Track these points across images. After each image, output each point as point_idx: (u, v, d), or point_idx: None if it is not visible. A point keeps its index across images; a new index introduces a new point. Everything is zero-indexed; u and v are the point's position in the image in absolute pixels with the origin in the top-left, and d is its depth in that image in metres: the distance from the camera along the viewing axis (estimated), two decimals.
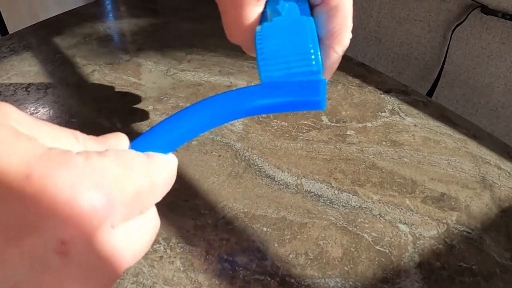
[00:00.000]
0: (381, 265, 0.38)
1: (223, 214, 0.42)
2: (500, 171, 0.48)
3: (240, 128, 0.52)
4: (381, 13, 0.79)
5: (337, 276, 0.37)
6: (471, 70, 0.72)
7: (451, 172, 0.48)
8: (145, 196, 0.18)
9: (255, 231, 0.41)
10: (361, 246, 0.40)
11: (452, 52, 0.73)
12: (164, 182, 0.19)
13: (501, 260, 0.39)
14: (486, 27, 0.67)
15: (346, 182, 0.46)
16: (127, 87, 0.58)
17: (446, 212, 0.43)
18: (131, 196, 0.17)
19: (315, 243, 0.40)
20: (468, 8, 0.67)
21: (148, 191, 0.18)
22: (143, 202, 0.18)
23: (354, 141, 0.51)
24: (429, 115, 0.56)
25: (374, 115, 0.55)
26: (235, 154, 0.49)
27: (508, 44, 0.66)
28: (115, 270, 0.17)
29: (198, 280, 0.37)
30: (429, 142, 0.52)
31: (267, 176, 0.46)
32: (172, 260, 0.38)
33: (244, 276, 0.37)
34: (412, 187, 0.46)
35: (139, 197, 0.17)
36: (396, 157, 0.49)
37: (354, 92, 0.59)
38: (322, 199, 0.44)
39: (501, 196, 0.45)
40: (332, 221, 0.42)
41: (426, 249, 0.40)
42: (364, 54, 0.86)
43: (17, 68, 0.62)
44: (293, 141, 0.51)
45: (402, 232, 0.41)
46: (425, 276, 0.38)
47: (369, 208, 0.43)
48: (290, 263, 0.38)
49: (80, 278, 0.15)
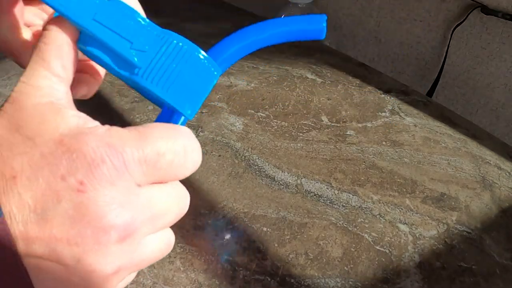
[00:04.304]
0: (381, 265, 0.38)
1: (223, 214, 0.42)
2: (500, 171, 0.48)
3: (240, 128, 0.52)
4: (381, 13, 0.79)
5: (337, 276, 0.37)
6: (471, 70, 0.72)
7: (451, 172, 0.48)
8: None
9: (255, 231, 0.41)
10: (361, 246, 0.40)
11: (452, 52, 0.73)
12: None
13: (501, 260, 0.39)
14: (486, 27, 0.67)
15: (346, 182, 0.46)
16: (127, 87, 0.58)
17: (446, 212, 0.43)
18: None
19: (315, 243, 0.40)
20: (468, 8, 0.67)
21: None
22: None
23: (354, 141, 0.51)
24: (429, 115, 0.56)
25: (374, 115, 0.55)
26: (235, 154, 0.49)
27: (508, 44, 0.66)
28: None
29: (198, 280, 0.37)
30: (429, 142, 0.52)
31: (267, 176, 0.46)
32: (172, 260, 0.38)
33: (244, 276, 0.37)
34: (412, 187, 0.46)
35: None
36: (396, 157, 0.49)
37: (354, 92, 0.59)
38: (322, 199, 0.44)
39: (501, 196, 0.45)
40: (332, 221, 0.42)
41: (426, 249, 0.40)
42: (364, 54, 0.86)
43: (17, 68, 0.62)
44: (293, 141, 0.51)
45: (402, 232, 0.41)
46: (425, 276, 0.38)
47: (369, 208, 0.43)
48: (290, 263, 0.38)
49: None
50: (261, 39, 0.24)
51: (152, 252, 0.20)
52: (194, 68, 0.22)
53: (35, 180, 0.17)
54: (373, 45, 0.84)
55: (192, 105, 0.22)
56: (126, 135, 0.19)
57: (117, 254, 0.18)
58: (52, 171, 0.17)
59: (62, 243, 0.17)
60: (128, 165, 0.18)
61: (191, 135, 0.21)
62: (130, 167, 0.18)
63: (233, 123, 0.53)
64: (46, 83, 0.20)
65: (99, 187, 0.17)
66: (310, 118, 0.54)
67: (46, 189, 0.17)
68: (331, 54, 0.69)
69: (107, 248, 0.18)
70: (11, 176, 0.17)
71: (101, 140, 0.18)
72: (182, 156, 0.20)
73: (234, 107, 0.56)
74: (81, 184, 0.17)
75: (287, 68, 0.64)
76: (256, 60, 0.66)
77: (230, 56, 0.23)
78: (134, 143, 0.19)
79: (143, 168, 0.19)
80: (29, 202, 0.17)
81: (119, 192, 0.18)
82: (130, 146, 0.18)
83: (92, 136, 0.18)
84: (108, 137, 0.18)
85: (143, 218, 0.19)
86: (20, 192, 0.17)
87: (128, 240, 0.18)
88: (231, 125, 0.53)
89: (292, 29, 0.24)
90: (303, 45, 0.70)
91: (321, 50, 0.70)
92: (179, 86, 0.21)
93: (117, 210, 0.18)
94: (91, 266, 0.17)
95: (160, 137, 0.19)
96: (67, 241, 0.17)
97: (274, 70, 0.64)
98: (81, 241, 0.17)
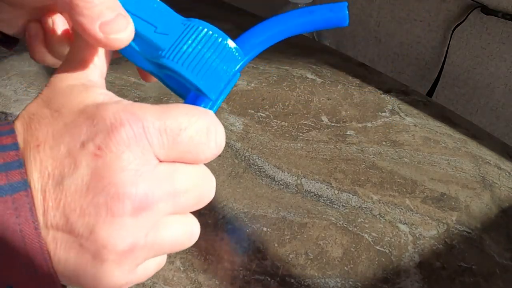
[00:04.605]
0: (381, 265, 0.38)
1: (223, 214, 0.42)
2: (500, 171, 0.48)
3: (240, 128, 0.52)
4: (381, 13, 0.79)
5: (337, 276, 0.37)
6: (471, 70, 0.72)
7: (451, 172, 0.48)
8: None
9: (255, 231, 0.41)
10: (361, 246, 0.40)
11: (452, 52, 0.73)
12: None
13: (501, 260, 0.39)
14: (486, 27, 0.67)
15: (346, 182, 0.46)
16: (127, 87, 0.58)
17: (446, 212, 0.43)
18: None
19: (315, 243, 0.40)
20: (468, 8, 0.67)
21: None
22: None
23: (354, 141, 0.51)
24: (429, 115, 0.56)
25: (374, 115, 0.55)
26: (235, 154, 0.49)
27: (508, 44, 0.66)
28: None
29: (198, 280, 0.37)
30: (429, 142, 0.52)
31: (267, 176, 0.46)
32: (172, 260, 0.38)
33: (244, 276, 0.37)
34: (412, 187, 0.46)
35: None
36: (396, 157, 0.49)
37: (354, 92, 0.59)
38: (322, 199, 0.44)
39: (501, 196, 0.45)
40: (332, 221, 0.42)
41: (426, 249, 0.40)
42: (364, 54, 0.86)
43: (17, 68, 0.62)
44: (293, 141, 0.51)
45: (402, 232, 0.41)
46: (425, 276, 0.38)
47: (369, 208, 0.43)
48: (290, 263, 0.38)
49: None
50: (286, 29, 0.24)
51: (172, 237, 0.19)
52: (219, 53, 0.21)
53: (57, 148, 0.17)
54: (373, 45, 0.84)
55: (216, 90, 0.22)
56: (149, 106, 0.19)
57: (131, 229, 0.17)
58: (73, 138, 0.17)
59: (75, 212, 0.17)
60: (147, 132, 0.18)
61: (215, 118, 0.20)
62: (150, 135, 0.18)
63: (233, 123, 0.53)
64: (81, 68, 0.20)
65: (115, 151, 0.17)
66: (310, 118, 0.54)
67: (66, 156, 0.17)
68: (331, 54, 0.69)
69: (121, 219, 0.17)
70: (35, 145, 0.17)
71: (123, 108, 0.18)
72: (204, 135, 0.19)
73: (234, 107, 0.56)
74: (98, 149, 0.17)
75: (287, 68, 0.64)
76: (256, 60, 0.66)
77: (256, 46, 0.23)
78: (157, 114, 0.18)
79: (163, 138, 0.18)
80: (49, 170, 0.17)
81: (136, 159, 0.17)
82: (152, 115, 0.18)
83: (114, 105, 0.18)
84: (130, 106, 0.18)
85: (161, 192, 0.18)
86: (42, 159, 0.17)
87: (144, 214, 0.17)
88: (231, 125, 0.53)
89: (315, 18, 0.24)
90: (303, 45, 0.70)
91: (321, 50, 0.70)
92: (204, 68, 0.21)
93: (133, 178, 0.17)
94: (103, 240, 0.17)
95: (184, 113, 0.19)
96: (80, 210, 0.17)
97: (274, 70, 0.64)
98: (93, 211, 0.17)
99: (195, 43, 0.21)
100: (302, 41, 0.72)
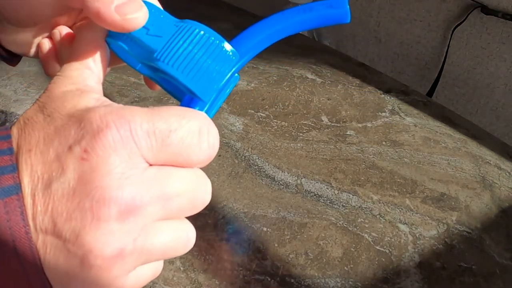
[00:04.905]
0: (381, 265, 0.38)
1: (223, 214, 0.42)
2: (500, 171, 0.48)
3: (240, 128, 0.52)
4: (381, 13, 0.79)
5: (337, 276, 0.37)
6: (471, 70, 0.72)
7: (451, 172, 0.48)
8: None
9: (255, 231, 0.41)
10: (361, 246, 0.40)
11: (452, 52, 0.73)
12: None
13: (501, 260, 0.39)
14: (486, 27, 0.67)
15: (346, 182, 0.46)
16: (127, 87, 0.58)
17: (446, 212, 0.43)
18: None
19: (315, 243, 0.40)
20: (468, 8, 0.67)
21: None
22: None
23: (354, 141, 0.51)
24: (429, 115, 0.56)
25: (374, 115, 0.55)
26: (235, 154, 0.49)
27: (508, 44, 0.66)
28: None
29: (198, 280, 0.37)
30: (429, 142, 0.52)
31: (267, 176, 0.46)
32: (172, 260, 0.38)
33: (244, 276, 0.37)
34: (412, 187, 0.46)
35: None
36: (396, 157, 0.49)
37: (354, 92, 0.59)
38: (322, 199, 0.44)
39: (501, 196, 0.45)
40: (332, 221, 0.42)
41: (426, 249, 0.40)
42: (364, 54, 0.86)
43: (17, 68, 0.62)
44: (293, 141, 0.51)
45: (402, 232, 0.41)
46: (425, 276, 0.38)
47: (369, 208, 0.43)
48: (290, 263, 0.38)
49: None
50: (285, 28, 0.23)
51: (163, 242, 0.19)
52: (213, 54, 0.21)
53: (46, 152, 0.17)
54: (373, 45, 0.84)
55: (210, 92, 0.21)
56: (139, 109, 0.18)
57: (118, 234, 0.17)
58: (61, 142, 0.17)
59: (62, 217, 0.16)
60: (134, 135, 0.17)
61: (208, 119, 0.20)
62: (137, 137, 0.17)
63: (233, 123, 0.53)
64: (78, 73, 0.20)
65: (102, 155, 0.17)
66: (310, 118, 0.54)
67: (54, 160, 0.17)
68: (331, 54, 0.69)
69: (107, 224, 0.16)
70: (27, 150, 0.17)
71: (110, 110, 0.18)
72: (196, 136, 0.19)
73: (234, 107, 0.56)
74: (85, 152, 0.17)
75: (287, 68, 0.64)
76: (256, 60, 0.66)
77: (254, 46, 0.23)
78: (146, 116, 0.18)
79: (151, 141, 0.18)
80: (38, 174, 0.17)
81: (123, 162, 0.17)
82: (140, 117, 0.18)
83: (103, 108, 0.18)
84: (119, 109, 0.18)
85: (149, 196, 0.17)
86: (33, 164, 0.17)
87: (132, 219, 0.17)
88: (231, 125, 0.53)
89: (315, 15, 0.23)
90: (303, 45, 0.70)
91: (321, 50, 0.70)
92: (195, 70, 0.21)
93: (119, 182, 0.17)
94: (89, 244, 0.16)
95: (174, 114, 0.18)
96: (67, 215, 0.16)
97: (274, 70, 0.64)
98: (79, 215, 0.16)
99: (186, 44, 0.21)
100: (302, 41, 0.72)
